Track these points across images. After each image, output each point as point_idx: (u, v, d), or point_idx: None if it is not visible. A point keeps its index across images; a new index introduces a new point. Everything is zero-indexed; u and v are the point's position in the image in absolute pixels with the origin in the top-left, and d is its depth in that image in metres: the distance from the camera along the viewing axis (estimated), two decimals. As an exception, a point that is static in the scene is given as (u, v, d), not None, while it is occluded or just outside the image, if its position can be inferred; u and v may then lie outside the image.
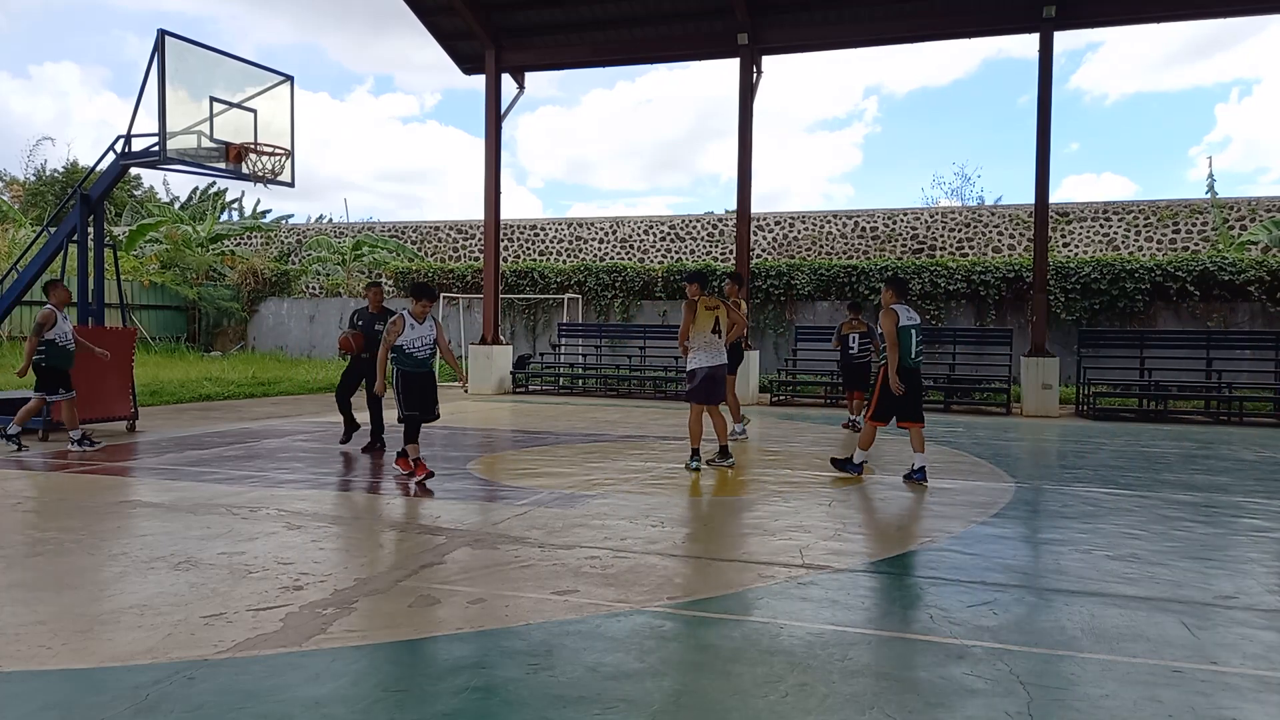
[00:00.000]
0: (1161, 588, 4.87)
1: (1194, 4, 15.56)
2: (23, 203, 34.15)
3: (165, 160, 10.37)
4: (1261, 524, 6.58)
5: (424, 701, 3.27)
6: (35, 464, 8.65)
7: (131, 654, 3.70)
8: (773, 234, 25.23)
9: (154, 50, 10.19)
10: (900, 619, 4.30)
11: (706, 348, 8.67)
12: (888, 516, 6.71)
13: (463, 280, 24.50)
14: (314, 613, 4.22)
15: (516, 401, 16.65)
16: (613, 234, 26.65)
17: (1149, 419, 15.11)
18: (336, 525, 6.10)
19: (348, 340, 9.43)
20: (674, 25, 17.94)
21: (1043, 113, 15.78)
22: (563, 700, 3.31)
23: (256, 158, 11.15)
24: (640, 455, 9.68)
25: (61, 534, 5.72)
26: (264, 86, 11.45)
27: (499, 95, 18.57)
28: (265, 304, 26.56)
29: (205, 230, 28.56)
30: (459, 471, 8.49)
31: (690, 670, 3.64)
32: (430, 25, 18.71)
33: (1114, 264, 19.04)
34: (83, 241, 11.04)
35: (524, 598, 4.52)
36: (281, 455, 9.38)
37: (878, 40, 17.48)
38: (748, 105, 17.20)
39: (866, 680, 3.53)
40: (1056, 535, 6.16)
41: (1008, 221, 23.46)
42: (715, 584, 4.84)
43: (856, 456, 8.47)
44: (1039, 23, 15.71)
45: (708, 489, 7.78)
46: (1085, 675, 3.61)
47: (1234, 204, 22.01)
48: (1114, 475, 8.74)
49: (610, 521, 6.30)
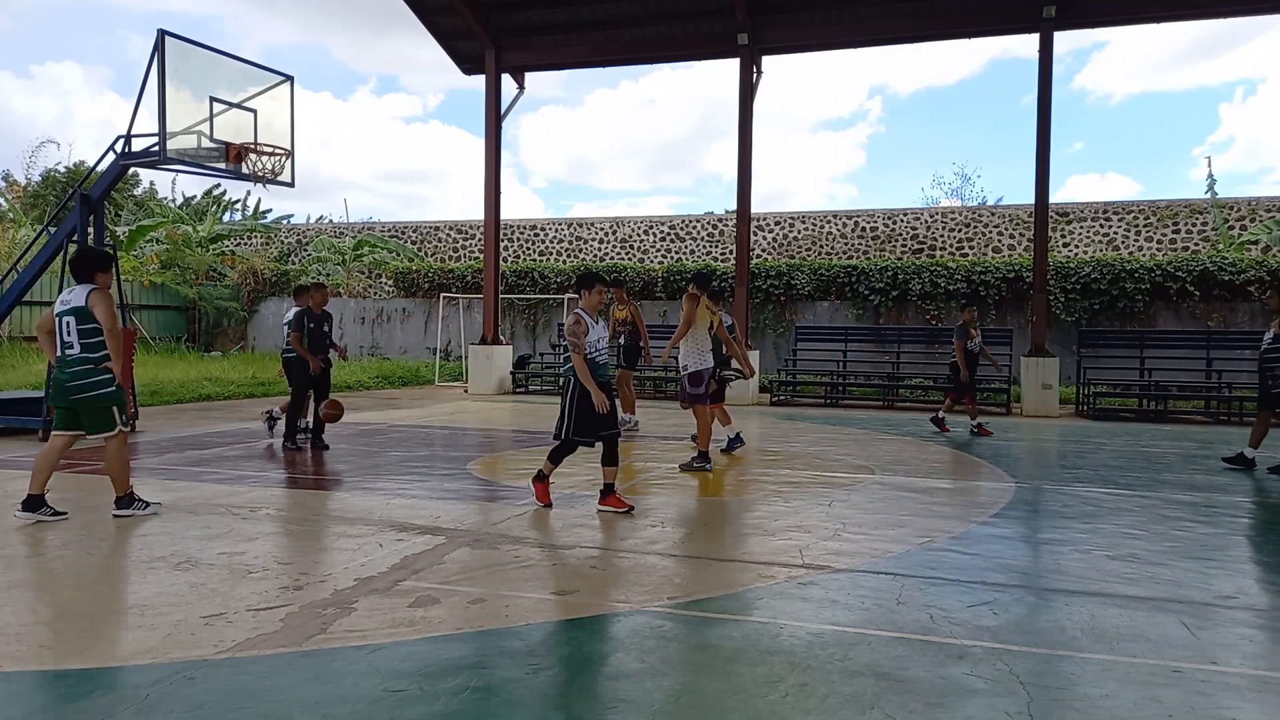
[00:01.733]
0: (1161, 588, 4.87)
1: (1194, 4, 15.56)
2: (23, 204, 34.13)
3: (165, 160, 10.36)
4: (1261, 524, 6.58)
5: (424, 701, 3.27)
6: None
7: (131, 654, 3.70)
8: (773, 234, 25.23)
9: (154, 50, 10.19)
10: (900, 619, 4.30)
11: (701, 348, 8.69)
12: (887, 516, 6.71)
13: (463, 280, 24.50)
14: (314, 613, 4.22)
15: (517, 401, 16.65)
16: (613, 234, 26.65)
17: (1149, 419, 15.11)
18: (337, 525, 6.10)
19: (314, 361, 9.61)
20: (674, 25, 17.94)
21: (1043, 113, 15.78)
22: (563, 700, 3.31)
23: (256, 158, 11.14)
24: (640, 455, 9.68)
25: (62, 534, 5.72)
26: (264, 86, 11.44)
27: (499, 95, 18.57)
28: (265, 304, 26.56)
29: (205, 230, 28.55)
30: (459, 471, 8.49)
31: (690, 670, 3.64)
32: (430, 25, 18.71)
33: (1114, 264, 19.04)
34: (83, 241, 11.03)
35: (524, 598, 4.52)
36: (280, 455, 9.38)
37: (878, 40, 17.49)
38: (748, 105, 17.20)
39: (866, 680, 3.53)
40: (1056, 535, 6.16)
41: (1008, 221, 23.46)
42: (715, 584, 4.84)
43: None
44: (1039, 23, 15.72)
45: (707, 489, 7.78)
46: (1085, 675, 3.61)
47: (1234, 204, 22.00)
48: (1114, 475, 8.74)
49: (610, 521, 6.30)
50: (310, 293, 9.85)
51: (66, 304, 6.10)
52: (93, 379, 6.03)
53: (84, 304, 6.02)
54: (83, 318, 6.02)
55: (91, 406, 6.05)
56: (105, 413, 6.07)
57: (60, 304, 6.16)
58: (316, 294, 9.81)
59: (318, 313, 9.74)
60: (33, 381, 14.82)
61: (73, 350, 6.04)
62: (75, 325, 6.03)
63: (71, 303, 6.07)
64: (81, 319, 6.02)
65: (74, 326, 6.03)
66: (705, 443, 8.70)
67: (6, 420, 10.50)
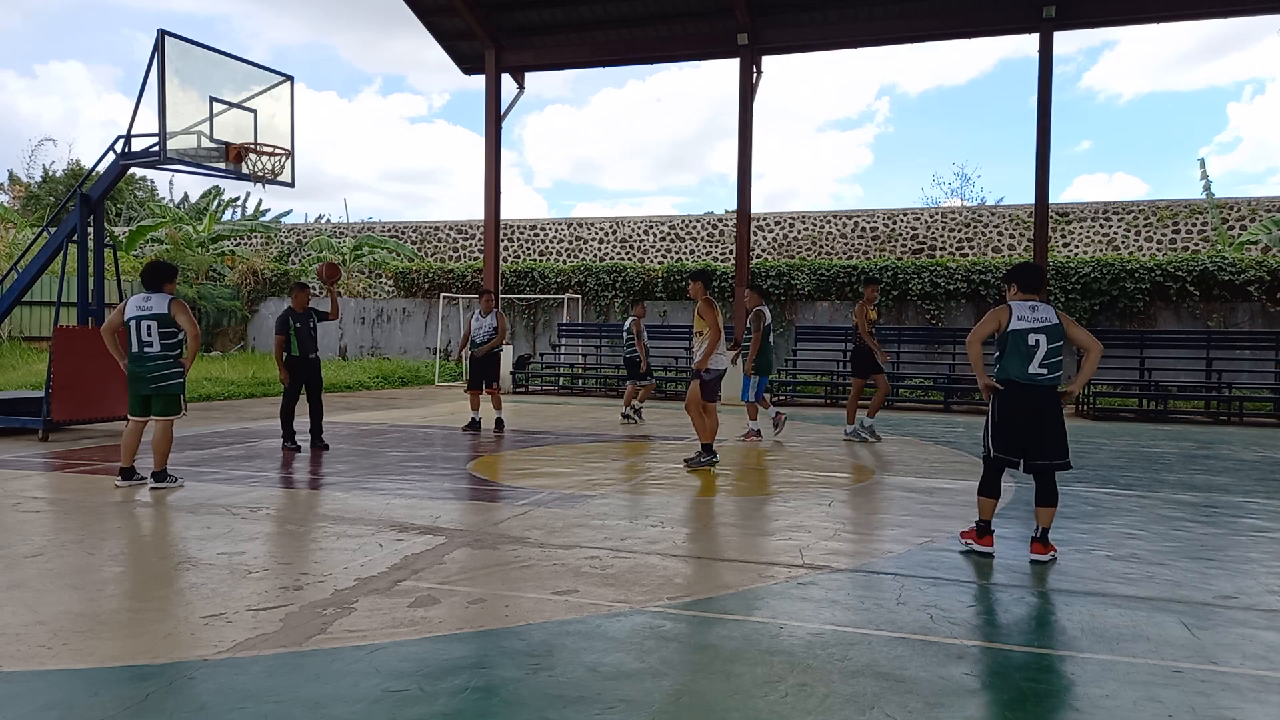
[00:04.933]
0: (1161, 588, 4.87)
1: (1194, 4, 15.57)
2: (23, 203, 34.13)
3: (165, 160, 10.36)
4: (1261, 524, 6.58)
5: (424, 701, 3.27)
6: (35, 464, 8.64)
7: (131, 654, 3.70)
8: (773, 234, 25.23)
9: (154, 50, 10.19)
10: (900, 619, 4.30)
11: (719, 349, 8.71)
12: (887, 516, 6.71)
13: (463, 280, 24.50)
14: (314, 613, 4.22)
15: (517, 401, 16.64)
16: (613, 234, 26.65)
17: (1149, 419, 15.11)
18: (336, 525, 6.10)
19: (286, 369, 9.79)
20: (674, 25, 17.95)
21: (1043, 113, 15.78)
22: (563, 700, 3.31)
23: (256, 158, 11.14)
24: (640, 455, 9.68)
25: (61, 534, 5.72)
26: (264, 86, 11.44)
27: (499, 95, 18.58)
28: (265, 304, 26.56)
29: (205, 230, 28.56)
30: (459, 471, 8.49)
31: (690, 670, 3.64)
32: (430, 25, 18.71)
33: (1114, 264, 19.04)
34: (83, 242, 11.04)
35: (524, 598, 4.52)
36: (280, 455, 9.38)
37: (878, 41, 17.50)
38: (747, 105, 17.21)
39: (866, 680, 3.53)
40: (1056, 535, 6.15)
41: (1008, 221, 23.46)
42: (715, 584, 4.84)
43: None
44: (1039, 23, 15.73)
45: (707, 489, 7.78)
46: (1085, 675, 3.61)
47: (1234, 204, 22.00)
48: (1114, 475, 8.74)
49: (610, 521, 6.30)
50: (293, 293, 10.00)
51: (146, 310, 7.22)
52: (169, 371, 7.26)
53: (166, 311, 7.22)
54: (164, 322, 7.22)
55: (167, 394, 7.30)
56: (175, 400, 7.36)
57: (137, 309, 7.24)
58: (297, 295, 9.88)
59: (300, 312, 9.76)
60: (32, 381, 14.82)
61: (152, 349, 7.22)
62: (157, 329, 7.21)
63: (153, 309, 7.23)
64: (163, 324, 7.22)
65: (155, 330, 7.22)
66: (710, 436, 8.72)
67: (6, 420, 10.49)
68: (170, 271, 7.46)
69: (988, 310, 6.01)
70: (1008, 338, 5.48)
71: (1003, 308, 5.58)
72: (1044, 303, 5.63)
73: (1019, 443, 5.46)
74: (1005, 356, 5.50)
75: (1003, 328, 5.51)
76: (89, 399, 10.64)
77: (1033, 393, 5.43)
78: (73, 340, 10.57)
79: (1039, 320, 5.46)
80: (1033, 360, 5.42)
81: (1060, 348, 5.44)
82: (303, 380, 9.81)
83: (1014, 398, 5.46)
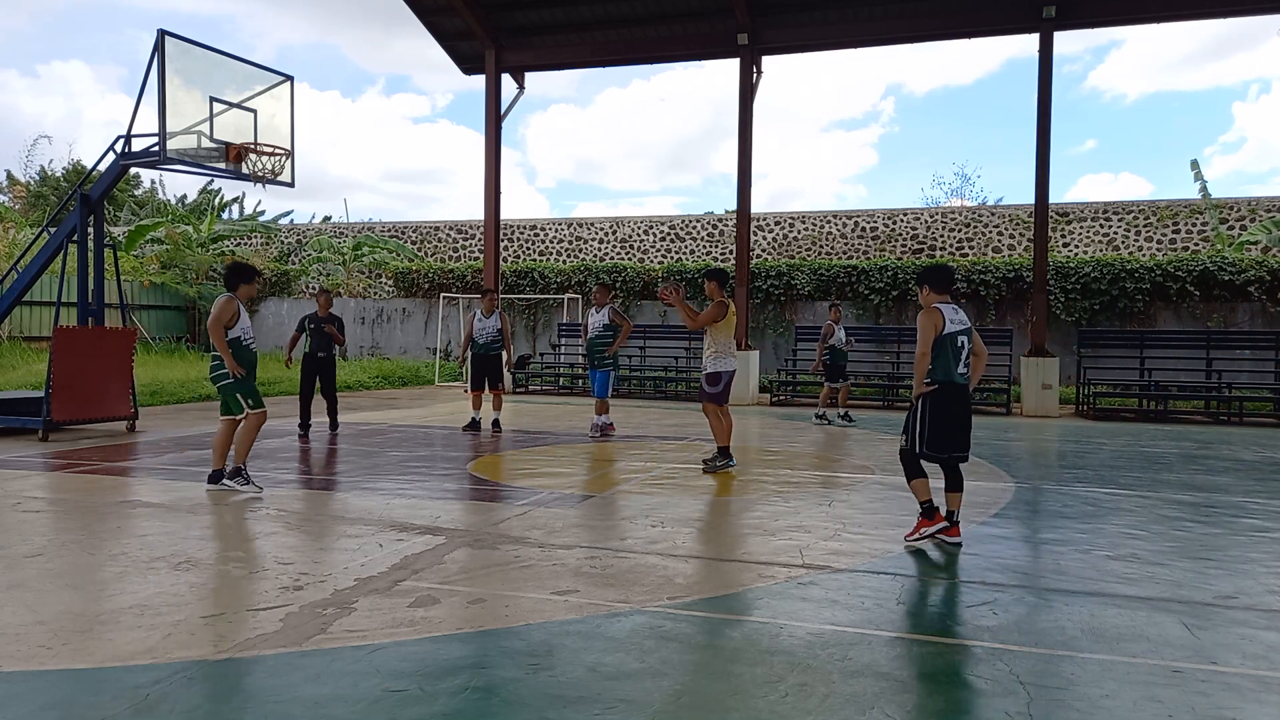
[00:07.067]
0: (1161, 588, 4.87)
1: (1194, 4, 15.56)
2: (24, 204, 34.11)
3: (165, 160, 10.36)
4: (1261, 524, 6.58)
5: (424, 701, 3.27)
6: (35, 464, 8.64)
7: (131, 654, 3.70)
8: (773, 234, 25.22)
9: (154, 50, 10.19)
10: (900, 619, 4.30)
11: (729, 351, 8.68)
12: (887, 516, 6.70)
13: (463, 280, 24.50)
14: (314, 613, 4.22)
15: (517, 401, 16.64)
16: (613, 234, 26.65)
17: (1149, 419, 15.11)
18: (337, 525, 6.10)
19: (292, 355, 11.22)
20: (674, 25, 17.94)
21: (1043, 113, 15.78)
22: (563, 700, 3.31)
23: (256, 158, 11.14)
24: (640, 455, 9.68)
25: (61, 534, 5.72)
26: (265, 86, 11.44)
27: (499, 95, 18.57)
28: (265, 304, 26.55)
29: (205, 230, 28.55)
30: (459, 471, 8.49)
31: (690, 670, 3.64)
32: (430, 25, 18.71)
33: (1114, 264, 19.04)
34: (83, 242, 11.03)
35: (524, 598, 4.52)
36: (281, 455, 9.38)
37: (878, 41, 17.50)
38: (748, 105, 17.20)
39: (866, 680, 3.53)
40: (1056, 535, 6.16)
41: (1008, 221, 23.46)
42: (715, 584, 4.84)
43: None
44: (1039, 23, 15.72)
45: (708, 489, 7.78)
46: (1085, 675, 3.61)
47: (1234, 204, 21.99)
48: (1114, 475, 8.74)
49: (610, 521, 6.30)
50: (319, 297, 11.27)
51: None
52: (216, 372, 7.30)
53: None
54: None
55: (220, 393, 7.38)
56: (225, 400, 7.32)
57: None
58: (322, 299, 11.18)
59: (323, 316, 11.00)
60: (33, 381, 14.83)
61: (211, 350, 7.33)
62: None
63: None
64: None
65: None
66: (725, 439, 8.67)
67: (6, 420, 10.49)
68: (243, 273, 7.38)
69: (986, 310, 6.09)
70: (943, 341, 5.64)
71: (934, 311, 5.72)
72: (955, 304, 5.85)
73: (950, 440, 5.73)
74: (937, 358, 5.65)
75: (939, 331, 5.65)
76: (89, 399, 10.64)
77: (962, 392, 5.72)
78: (73, 340, 10.57)
79: (962, 322, 5.74)
80: (959, 360, 5.68)
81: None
82: (316, 374, 11.00)
83: (949, 398, 5.69)
